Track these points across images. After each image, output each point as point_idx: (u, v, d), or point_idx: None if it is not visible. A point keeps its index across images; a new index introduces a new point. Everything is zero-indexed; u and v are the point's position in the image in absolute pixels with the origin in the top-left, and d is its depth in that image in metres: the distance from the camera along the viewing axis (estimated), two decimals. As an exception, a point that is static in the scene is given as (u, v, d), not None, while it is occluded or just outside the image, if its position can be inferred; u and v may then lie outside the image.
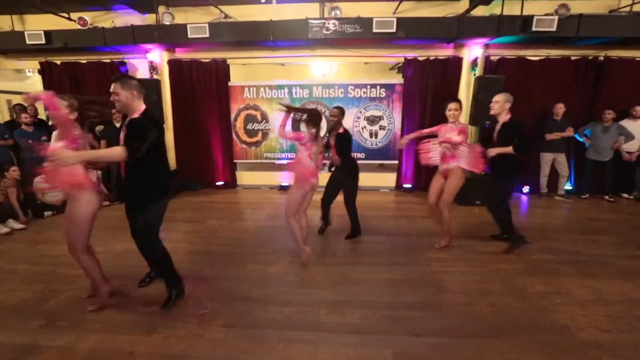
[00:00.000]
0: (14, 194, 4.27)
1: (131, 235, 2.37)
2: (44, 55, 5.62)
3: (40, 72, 5.78)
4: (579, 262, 3.17)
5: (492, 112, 3.35)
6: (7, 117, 6.49)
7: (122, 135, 2.21)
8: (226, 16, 5.12)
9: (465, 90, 5.30)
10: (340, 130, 3.47)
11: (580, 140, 5.16)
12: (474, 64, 5.18)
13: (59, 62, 5.68)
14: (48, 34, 5.10)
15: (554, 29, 4.40)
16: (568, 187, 5.47)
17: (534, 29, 4.39)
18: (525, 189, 5.53)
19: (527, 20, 4.44)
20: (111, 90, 2.17)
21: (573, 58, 5.10)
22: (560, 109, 5.02)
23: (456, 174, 3.27)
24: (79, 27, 5.09)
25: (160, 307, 2.43)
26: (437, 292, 2.69)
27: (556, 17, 4.37)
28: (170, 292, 2.48)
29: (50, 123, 5.46)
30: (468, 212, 4.64)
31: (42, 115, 6.11)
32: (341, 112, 3.52)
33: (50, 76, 5.71)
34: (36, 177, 3.97)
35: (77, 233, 2.27)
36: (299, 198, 2.98)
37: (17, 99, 7.07)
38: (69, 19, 5.22)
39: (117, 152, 2.08)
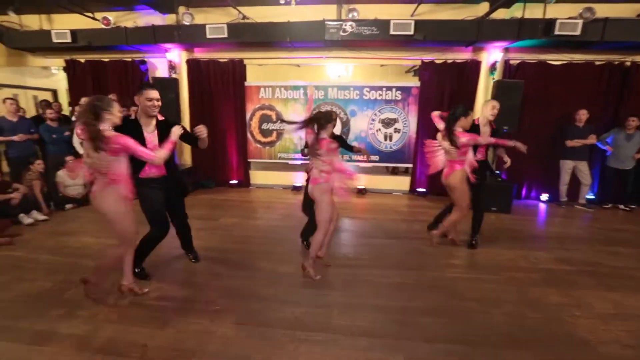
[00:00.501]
0: (38, 186, 4.43)
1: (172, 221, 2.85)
2: (69, 53, 5.81)
3: (65, 69, 5.99)
4: (600, 274, 3.06)
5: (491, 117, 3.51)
6: (34, 113, 6.73)
7: (154, 136, 2.55)
8: (244, 17, 5.19)
9: (483, 94, 5.21)
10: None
11: (603, 148, 4.99)
12: (492, 67, 5.09)
13: (83, 60, 5.86)
14: (74, 32, 5.28)
15: (577, 32, 4.28)
16: (590, 196, 5.30)
17: (556, 32, 4.28)
18: (544, 197, 5.39)
19: (549, 23, 4.33)
20: (155, 96, 2.53)
21: (597, 63, 4.95)
22: (582, 115, 4.87)
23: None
24: (103, 26, 5.25)
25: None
26: (449, 298, 2.64)
27: (580, 21, 4.25)
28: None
29: (73, 119, 5.65)
30: (484, 219, 4.53)
31: (66, 111, 6.34)
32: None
33: (74, 74, 5.90)
34: (59, 171, 4.10)
35: (121, 226, 2.29)
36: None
37: (43, 95, 7.34)
38: (94, 18, 5.38)
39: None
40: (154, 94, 2.50)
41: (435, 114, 3.38)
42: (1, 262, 3.15)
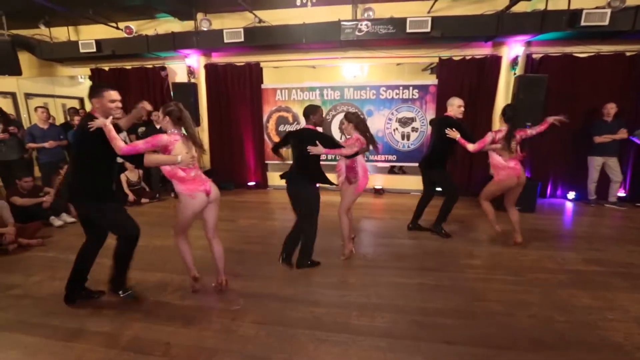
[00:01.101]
0: (67, 190, 4.64)
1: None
2: (95, 62, 6.08)
3: (90, 78, 6.26)
4: (633, 275, 2.90)
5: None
6: (62, 120, 7.07)
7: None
8: (260, 20, 5.26)
9: (504, 90, 5.06)
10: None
11: (639, 142, 4.72)
12: (514, 62, 4.93)
13: (107, 69, 6.12)
14: (99, 42, 5.52)
15: (605, 23, 4.09)
16: (621, 193, 5.03)
17: (582, 23, 4.10)
18: (571, 195, 5.17)
19: (575, 14, 4.16)
20: (117, 97, 2.41)
21: (628, 54, 4.71)
22: (611, 109, 4.64)
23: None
24: (126, 35, 5.46)
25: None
26: (471, 299, 2.57)
27: (609, 10, 4.06)
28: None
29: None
30: (506, 217, 4.40)
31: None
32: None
33: (99, 81, 6.16)
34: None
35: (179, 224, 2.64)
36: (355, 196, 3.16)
37: (71, 103, 7.70)
38: (117, 28, 5.60)
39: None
40: (117, 95, 2.39)
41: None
42: (35, 262, 3.32)
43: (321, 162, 2.99)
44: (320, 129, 3.01)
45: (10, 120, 5.37)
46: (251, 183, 6.24)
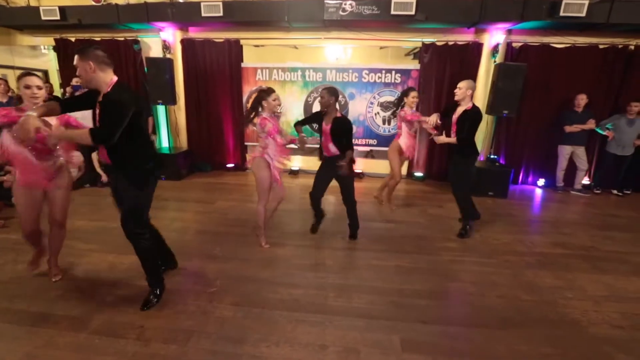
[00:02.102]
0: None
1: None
2: (59, 31, 5.61)
3: (55, 49, 5.80)
4: (594, 257, 3.10)
5: (455, 98, 3.38)
6: (24, 94, 6.56)
7: (97, 112, 1.98)
8: (241, -6, 5.00)
9: (485, 77, 5.13)
10: (338, 115, 3.08)
11: (602, 133, 4.96)
12: (494, 50, 4.99)
13: (73, 40, 5.67)
14: (63, 9, 5.07)
15: (583, 14, 4.18)
16: (586, 181, 5.31)
17: (561, 14, 4.17)
18: (541, 182, 5.40)
19: (555, 4, 4.21)
20: (74, 63, 1.93)
21: (601, 46, 4.86)
22: (581, 100, 4.82)
23: None
24: (93, 3, 5.05)
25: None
26: (446, 281, 2.67)
27: (586, 2, 4.14)
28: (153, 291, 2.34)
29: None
30: (480, 203, 4.54)
31: (57, 92, 6.18)
32: (331, 93, 3.03)
33: (65, 54, 5.72)
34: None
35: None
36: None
37: (33, 76, 7.13)
38: (84, -6, 5.17)
39: (84, 135, 1.88)
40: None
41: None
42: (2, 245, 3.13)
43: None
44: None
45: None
46: (230, 165, 6.10)
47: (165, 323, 2.10)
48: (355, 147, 5.81)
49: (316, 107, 5.72)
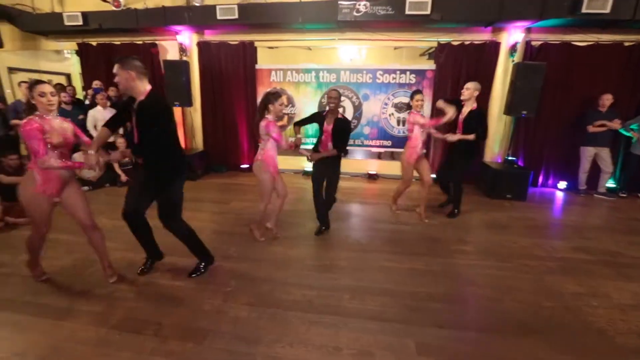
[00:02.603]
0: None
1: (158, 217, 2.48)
2: (82, 36, 5.82)
3: (77, 53, 6.01)
4: (619, 264, 2.98)
5: (462, 97, 3.71)
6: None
7: (134, 119, 2.22)
8: (255, -3, 5.06)
9: (502, 77, 5.02)
10: (339, 116, 3.23)
11: (627, 134, 4.77)
12: (512, 49, 4.87)
13: (95, 44, 5.86)
14: (85, 15, 5.26)
15: (607, 10, 4.03)
16: (611, 184, 5.11)
17: (584, 10, 4.03)
18: (562, 185, 5.23)
19: (576, 1, 4.08)
20: (114, 71, 2.18)
21: (626, 44, 4.67)
22: (607, 100, 4.64)
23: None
24: (114, 8, 5.21)
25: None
26: (461, 284, 2.62)
27: (611, -2, 3.99)
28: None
29: (86, 102, 5.71)
30: (497, 206, 4.46)
31: (79, 95, 6.40)
32: (340, 94, 3.23)
33: (87, 57, 5.92)
34: (74, 154, 4.14)
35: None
36: None
37: (57, 79, 7.42)
38: (104, 0, 5.34)
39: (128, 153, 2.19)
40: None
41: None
42: (22, 241, 3.24)
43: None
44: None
45: (-7, 95, 5.16)
46: (244, 165, 6.16)
47: (182, 321, 2.13)
48: (369, 148, 5.84)
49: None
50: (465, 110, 3.70)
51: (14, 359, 1.83)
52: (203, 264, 2.68)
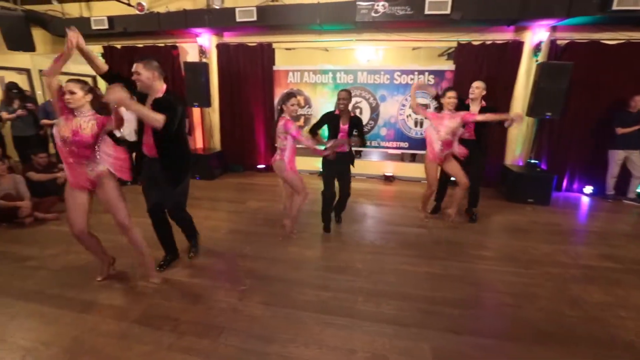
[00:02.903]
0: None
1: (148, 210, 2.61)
2: (107, 39, 6.04)
3: (103, 55, 6.24)
4: (650, 273, 2.83)
5: (471, 97, 3.67)
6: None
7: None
8: (274, -1, 5.11)
9: (525, 78, 4.86)
10: (351, 114, 3.39)
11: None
12: (537, 48, 4.71)
13: (119, 47, 6.08)
14: (111, 19, 5.46)
15: None
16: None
17: (614, 7, 3.85)
18: (588, 189, 5.01)
19: (606, -3, 3.91)
20: (133, 70, 2.28)
21: (660, 42, 4.44)
22: (638, 101, 4.42)
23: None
24: (137, 12, 5.39)
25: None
26: (480, 290, 2.55)
27: (643, -6, 3.80)
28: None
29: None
30: (518, 210, 4.32)
31: (104, 96, 6.63)
32: (350, 94, 3.34)
33: (111, 59, 6.14)
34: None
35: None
36: None
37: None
38: (129, 4, 5.52)
39: (159, 117, 2.14)
40: (134, 67, 2.32)
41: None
42: (50, 236, 3.41)
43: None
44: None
45: (26, 96, 5.42)
46: (261, 166, 6.23)
47: (198, 317, 2.17)
48: (385, 150, 5.78)
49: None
50: (475, 109, 3.65)
51: (40, 349, 1.91)
52: (195, 241, 2.97)
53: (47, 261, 2.90)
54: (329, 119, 3.34)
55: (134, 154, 2.57)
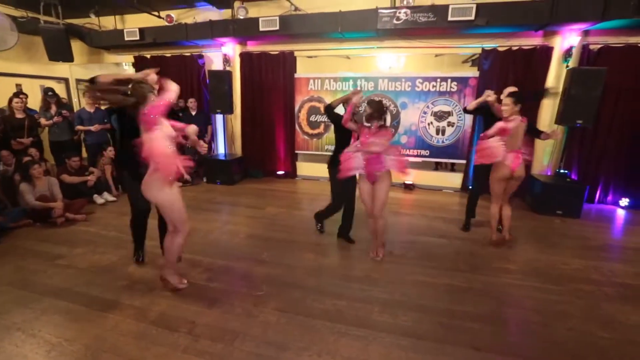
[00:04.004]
0: (109, 170, 4.94)
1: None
2: (138, 50, 6.35)
3: (133, 65, 6.56)
4: (695, 294, 2.59)
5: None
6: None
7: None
8: (296, 9, 5.20)
9: (554, 84, 4.66)
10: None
11: None
12: (567, 54, 4.52)
13: (148, 56, 6.37)
14: (142, 31, 5.74)
15: (681, 9, 3.61)
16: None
17: (652, 10, 3.65)
18: (624, 202, 4.70)
19: (644, -1, 3.70)
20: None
21: None
22: (680, 107, 4.13)
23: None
24: (167, 23, 5.64)
25: None
26: (504, 306, 2.43)
27: (686, -5, 3.57)
28: None
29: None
30: (545, 222, 4.11)
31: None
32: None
33: (142, 69, 6.40)
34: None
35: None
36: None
37: (116, 89, 8.12)
38: (159, 16, 5.79)
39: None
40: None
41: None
42: (79, 236, 3.57)
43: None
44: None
45: (63, 104, 5.77)
46: (280, 172, 6.29)
47: (214, 321, 2.20)
48: (407, 158, 5.68)
49: (366, 116, 5.68)
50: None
51: (64, 344, 1.99)
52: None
53: (76, 260, 3.03)
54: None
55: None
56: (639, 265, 3.04)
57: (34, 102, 5.49)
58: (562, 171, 4.68)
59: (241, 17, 5.24)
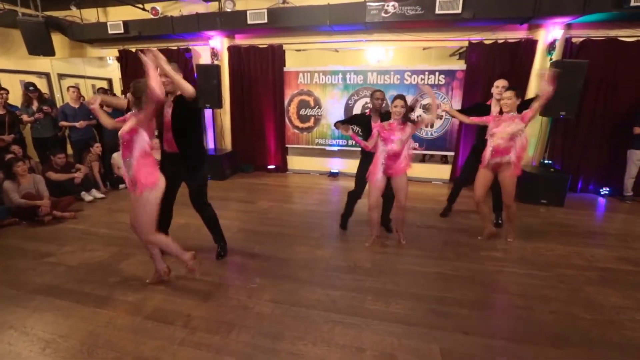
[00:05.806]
0: (97, 167, 4.85)
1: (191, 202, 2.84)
2: (122, 43, 6.20)
3: (118, 59, 6.41)
4: (669, 276, 2.74)
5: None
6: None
7: (169, 110, 2.55)
8: (284, 1, 5.16)
9: (538, 77, 4.77)
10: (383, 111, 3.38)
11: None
12: (551, 47, 4.62)
13: (134, 50, 6.23)
14: (126, 24, 5.61)
15: (659, 3, 3.73)
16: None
17: (633, 3, 3.75)
18: (604, 190, 4.88)
19: (623, -7, 3.81)
20: (160, 73, 2.39)
21: (681, 38, 4.30)
22: (658, 99, 4.29)
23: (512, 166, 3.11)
24: (152, 16, 5.52)
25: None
26: (491, 292, 2.52)
27: (663, -11, 3.70)
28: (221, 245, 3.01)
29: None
30: (531, 211, 4.24)
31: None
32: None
33: (126, 63, 6.30)
34: (114, 153, 4.36)
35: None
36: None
37: (100, 84, 7.95)
38: (144, 9, 5.66)
39: (189, 87, 2.41)
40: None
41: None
42: (67, 234, 3.52)
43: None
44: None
45: (45, 99, 5.61)
46: (271, 166, 6.29)
47: (209, 314, 2.21)
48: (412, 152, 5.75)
49: (357, 109, 5.71)
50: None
51: (59, 341, 1.98)
52: (223, 244, 3.02)
53: (65, 258, 2.99)
54: (360, 121, 3.38)
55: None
56: (619, 250, 3.18)
57: (15, 97, 5.32)
58: (546, 162, 4.81)
59: (228, 10, 5.18)
